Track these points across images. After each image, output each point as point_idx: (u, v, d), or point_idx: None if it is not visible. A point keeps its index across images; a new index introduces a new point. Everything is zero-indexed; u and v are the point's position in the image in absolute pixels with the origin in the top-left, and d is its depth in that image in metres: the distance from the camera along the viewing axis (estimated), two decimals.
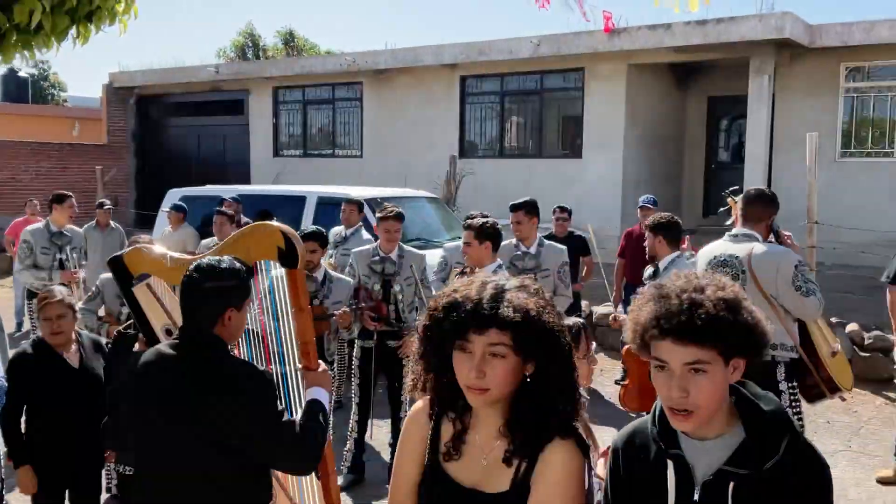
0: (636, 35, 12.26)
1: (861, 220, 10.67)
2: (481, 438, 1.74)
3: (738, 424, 1.65)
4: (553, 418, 1.67)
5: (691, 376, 1.57)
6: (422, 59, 14.69)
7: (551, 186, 13.15)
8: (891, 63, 11.75)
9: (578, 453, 1.68)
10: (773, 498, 1.60)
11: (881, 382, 7.10)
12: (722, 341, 1.56)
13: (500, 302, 1.63)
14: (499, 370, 1.63)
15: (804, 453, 1.62)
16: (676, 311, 1.57)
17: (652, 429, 1.73)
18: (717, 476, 1.62)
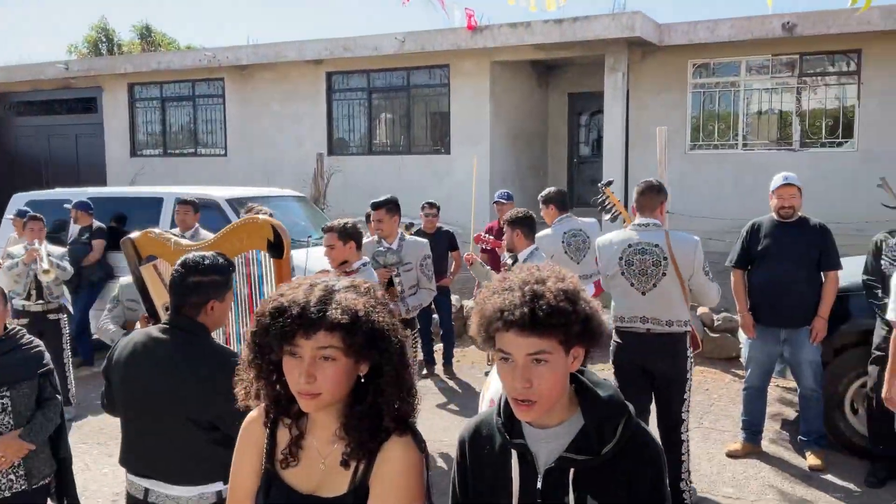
0: (498, 33, 12.51)
1: (710, 209, 11.33)
2: (318, 443, 1.72)
3: (578, 412, 1.71)
4: (389, 417, 1.67)
5: (534, 367, 1.61)
6: (285, 55, 14.42)
7: (421, 182, 13.25)
8: (733, 60, 12.54)
9: (416, 450, 1.69)
10: (612, 482, 1.67)
11: (729, 361, 7.57)
12: (563, 331, 1.61)
13: (329, 304, 1.61)
14: (330, 374, 1.61)
15: (638, 438, 1.70)
16: (519, 303, 1.60)
17: (497, 420, 1.76)
18: (558, 463, 1.67)
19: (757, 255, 5.40)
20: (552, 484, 1.67)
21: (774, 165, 9.45)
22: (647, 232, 4.48)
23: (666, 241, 4.42)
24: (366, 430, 1.66)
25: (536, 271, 1.68)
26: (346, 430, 1.67)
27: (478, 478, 1.78)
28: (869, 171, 10.81)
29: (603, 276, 4.67)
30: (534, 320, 1.58)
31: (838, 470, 5.18)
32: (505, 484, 1.72)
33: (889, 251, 4.99)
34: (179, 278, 2.65)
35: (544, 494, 1.68)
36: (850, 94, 11.93)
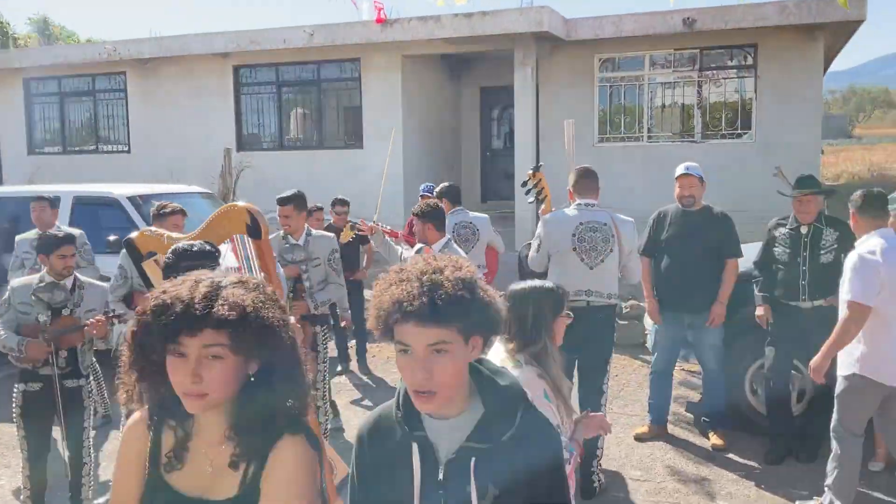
0: (408, 27, 12.47)
1: (618, 201, 11.57)
2: (205, 444, 1.65)
3: (478, 401, 1.70)
4: (281, 416, 1.62)
5: (434, 357, 1.59)
6: (190, 48, 14.01)
7: (334, 177, 13.10)
8: (638, 54, 12.86)
9: (309, 449, 1.64)
10: (512, 469, 1.66)
11: (637, 347, 7.77)
12: (462, 320, 1.60)
13: (215, 301, 1.54)
14: (217, 373, 1.54)
15: (536, 424, 1.71)
16: (417, 294, 1.57)
17: (396, 412, 1.74)
18: (459, 453, 1.66)
19: (662, 244, 5.55)
20: (454, 474, 1.67)
21: (678, 157, 9.71)
22: (594, 211, 4.84)
23: (612, 220, 4.83)
24: (256, 431, 1.60)
25: (433, 261, 1.66)
26: (236, 431, 1.61)
27: (377, 472, 1.75)
28: (766, 162, 11.31)
29: (552, 252, 4.86)
30: (433, 310, 1.56)
31: (739, 449, 5.38)
32: (406, 477, 1.70)
33: (781, 238, 5.20)
34: (172, 264, 2.87)
35: (446, 485, 1.67)
36: (747, 87, 12.41)
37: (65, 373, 4.28)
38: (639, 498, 4.74)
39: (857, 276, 4.05)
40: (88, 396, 4.43)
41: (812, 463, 5.07)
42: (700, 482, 4.93)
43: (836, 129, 47.76)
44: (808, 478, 4.89)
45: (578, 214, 4.81)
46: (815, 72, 12.00)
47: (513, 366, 2.71)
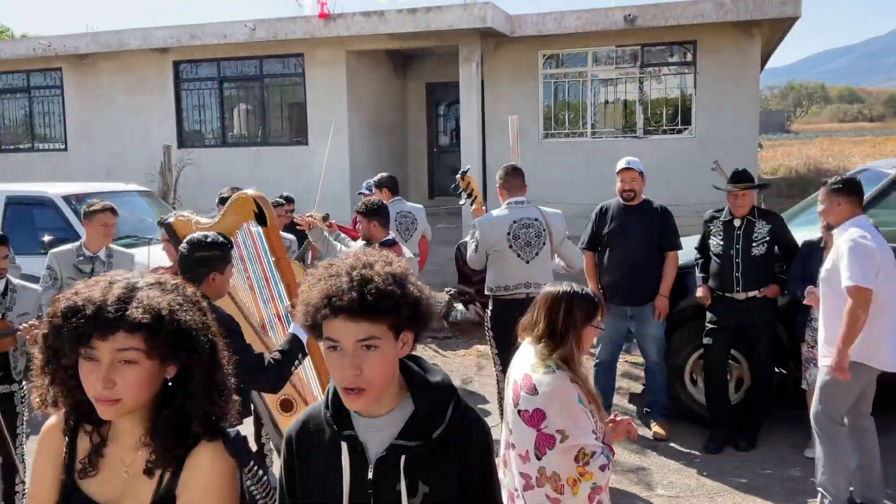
0: (352, 22, 12.39)
1: (561, 195, 11.71)
2: (121, 450, 1.60)
3: (408, 398, 1.69)
4: (199, 422, 1.58)
5: (363, 353, 1.57)
6: (128, 43, 13.69)
7: (279, 174, 12.96)
8: (581, 51, 13.00)
9: (227, 457, 1.60)
10: (442, 465, 1.66)
11: None
12: (392, 315, 1.58)
13: (128, 303, 1.49)
14: (131, 378, 1.49)
15: (466, 419, 1.70)
16: (347, 289, 1.55)
17: (325, 412, 1.71)
18: (389, 451, 1.64)
19: (605, 238, 5.62)
20: (383, 473, 1.65)
21: (621, 152, 9.82)
22: (525, 208, 5.01)
23: (542, 214, 5.02)
24: (172, 437, 1.55)
25: (363, 256, 1.65)
26: (151, 437, 1.56)
27: (306, 474, 1.73)
28: (706, 156, 11.53)
29: (489, 251, 4.98)
30: (363, 305, 1.54)
31: (680, 438, 5.48)
32: (335, 477, 1.67)
33: (716, 231, 5.33)
34: (186, 253, 3.09)
35: (376, 484, 1.65)
36: (687, 83, 12.65)
37: None
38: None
39: (856, 261, 3.96)
40: (21, 402, 4.30)
41: (751, 451, 5.19)
42: (641, 471, 5.01)
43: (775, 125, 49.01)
44: (746, 466, 5.00)
45: (510, 213, 4.97)
46: (752, 68, 12.29)
47: (544, 370, 2.66)
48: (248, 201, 3.49)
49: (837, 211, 4.21)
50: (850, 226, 4.13)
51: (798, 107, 76.91)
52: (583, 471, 2.59)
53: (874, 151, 28.33)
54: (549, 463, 2.60)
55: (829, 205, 4.23)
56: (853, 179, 4.29)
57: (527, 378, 2.66)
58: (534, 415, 2.61)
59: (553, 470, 2.60)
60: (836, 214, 4.22)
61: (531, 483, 2.66)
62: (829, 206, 4.24)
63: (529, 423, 2.62)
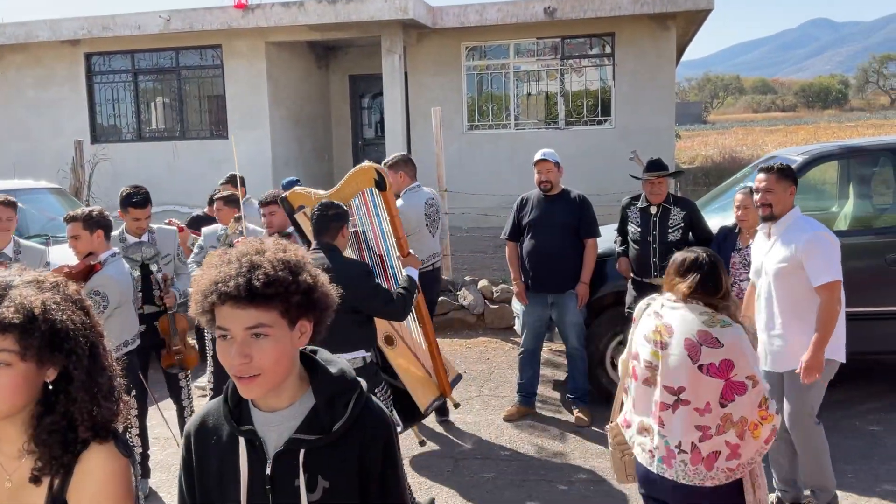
0: (270, 12, 12.16)
1: (486, 186, 11.80)
2: (3, 458, 1.53)
3: (309, 391, 1.65)
4: (84, 426, 1.51)
5: (254, 341, 1.52)
6: (36, 35, 13.12)
7: (199, 168, 12.65)
8: (502, 42, 13.09)
9: (119, 456, 1.55)
10: (343, 458, 1.63)
11: (508, 330, 7.93)
12: (282, 302, 1.54)
13: (0, 302, 1.42)
14: (4, 381, 1.43)
15: (368, 412, 1.67)
16: (234, 274, 1.51)
17: (224, 407, 1.67)
18: (288, 445, 1.60)
19: (525, 227, 5.69)
20: (282, 468, 1.61)
21: (544, 143, 9.98)
22: (424, 190, 5.80)
23: (436, 194, 5.94)
24: (57, 443, 1.49)
25: (258, 243, 1.61)
26: (35, 444, 1.49)
27: (204, 471, 1.68)
28: (625, 147, 11.76)
29: (411, 232, 5.32)
30: (250, 291, 1.50)
31: (603, 422, 5.55)
32: (233, 474, 1.63)
33: (633, 217, 5.44)
34: (321, 213, 3.89)
35: (274, 480, 1.61)
36: (607, 75, 12.88)
37: None
38: (508, 477, 4.83)
39: (825, 257, 3.78)
40: None
41: None
42: (565, 457, 5.09)
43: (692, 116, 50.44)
44: None
45: (420, 195, 5.70)
46: (668, 59, 12.59)
47: (721, 325, 2.79)
48: (370, 170, 4.31)
49: (788, 199, 3.93)
50: (796, 217, 3.93)
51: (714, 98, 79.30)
52: (764, 414, 2.80)
53: (786, 140, 29.43)
54: (737, 409, 2.77)
55: (779, 192, 3.90)
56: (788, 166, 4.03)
57: (705, 334, 2.78)
58: (721, 366, 2.75)
59: (741, 415, 2.77)
60: (785, 203, 3.93)
61: (710, 433, 2.79)
62: (779, 194, 3.90)
63: (716, 375, 2.76)
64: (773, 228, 3.98)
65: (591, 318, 5.85)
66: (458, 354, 7.34)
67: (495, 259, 9.64)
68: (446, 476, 4.88)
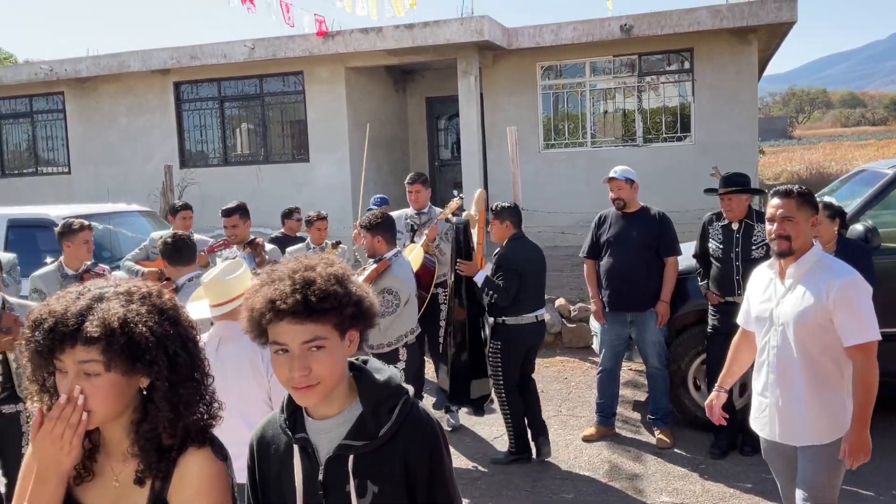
0: (350, 38, 12.46)
1: (563, 205, 11.74)
2: (111, 459, 1.62)
3: (357, 399, 1.71)
4: (167, 434, 1.58)
5: (311, 353, 1.60)
6: (129, 66, 13.78)
7: (281, 191, 13.00)
8: (578, 61, 13.04)
9: (215, 460, 1.62)
10: (390, 464, 1.67)
11: (587, 349, 7.83)
12: (336, 314, 1.61)
13: (88, 315, 1.50)
14: (94, 389, 1.51)
15: (413, 418, 1.70)
16: (290, 291, 1.57)
17: (280, 417, 1.75)
18: (337, 451, 1.67)
19: (603, 245, 5.65)
20: (334, 474, 1.67)
21: (621, 161, 9.87)
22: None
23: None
24: (153, 449, 1.57)
25: (305, 259, 1.68)
26: (136, 449, 1.58)
27: (265, 479, 1.76)
28: (706, 163, 11.51)
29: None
30: (307, 306, 1.58)
31: (685, 444, 5.46)
32: (290, 481, 1.70)
33: (714, 234, 5.32)
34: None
35: (326, 485, 1.67)
36: (685, 91, 12.67)
37: (1, 398, 4.15)
38: (588, 498, 4.77)
39: (863, 308, 3.09)
40: (27, 422, 4.29)
41: (755, 456, 5.14)
42: (646, 479, 4.98)
43: (777, 131, 48.99)
44: (751, 471, 4.98)
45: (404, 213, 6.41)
46: (749, 73, 12.30)
47: None
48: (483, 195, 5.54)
49: (809, 232, 3.20)
50: (820, 256, 3.21)
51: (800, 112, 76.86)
52: None
53: (878, 154, 28.23)
54: None
55: (800, 221, 3.16)
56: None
57: None
58: None
59: None
60: (807, 236, 3.18)
61: None
62: (800, 224, 3.16)
63: None
64: (792, 269, 3.19)
65: (673, 337, 5.74)
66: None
67: (572, 278, 9.55)
68: (524, 495, 4.84)
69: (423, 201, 6.37)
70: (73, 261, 5.05)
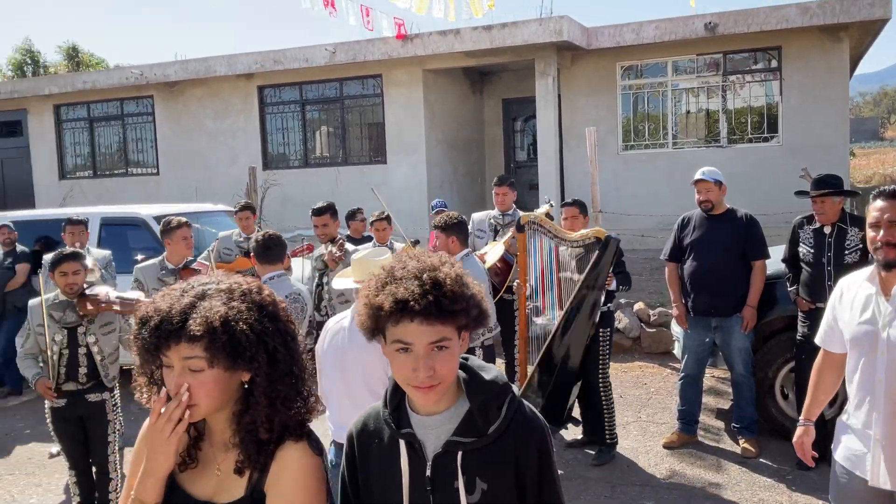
0: (428, 41, 12.53)
1: (642, 207, 11.53)
2: (214, 448, 1.67)
3: (464, 396, 1.70)
4: (264, 428, 1.61)
5: (436, 354, 1.59)
6: (215, 70, 14.21)
7: (359, 192, 13.16)
8: (660, 61, 12.79)
9: (311, 454, 1.64)
10: (499, 461, 1.66)
11: (667, 354, 7.66)
12: (464, 316, 1.61)
13: (191, 313, 1.54)
14: (198, 384, 1.56)
15: (522, 416, 1.69)
16: (422, 292, 1.57)
17: (384, 411, 1.74)
18: (446, 447, 1.65)
19: (687, 248, 5.51)
20: (441, 470, 1.66)
21: (704, 162, 9.61)
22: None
23: None
24: (252, 442, 1.60)
25: (426, 258, 1.67)
26: (237, 440, 1.62)
27: (366, 472, 1.75)
28: (794, 165, 11.12)
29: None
30: (439, 308, 1.57)
31: (771, 454, 5.27)
32: (394, 475, 1.69)
33: (805, 237, 5.12)
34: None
35: (434, 481, 1.66)
36: (772, 90, 12.27)
37: (87, 387, 4.32)
38: None
39: None
40: (112, 410, 4.46)
41: None
42: (731, 489, 4.83)
43: (868, 132, 47.04)
44: None
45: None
46: (840, 72, 11.84)
47: None
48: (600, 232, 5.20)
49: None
50: None
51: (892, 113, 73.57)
52: None
53: None
54: None
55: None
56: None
57: None
58: None
59: None
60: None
61: None
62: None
63: None
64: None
65: (760, 344, 5.55)
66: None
67: (651, 281, 9.36)
68: (603, 501, 4.76)
69: (509, 203, 6.51)
70: (174, 256, 5.26)
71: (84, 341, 4.30)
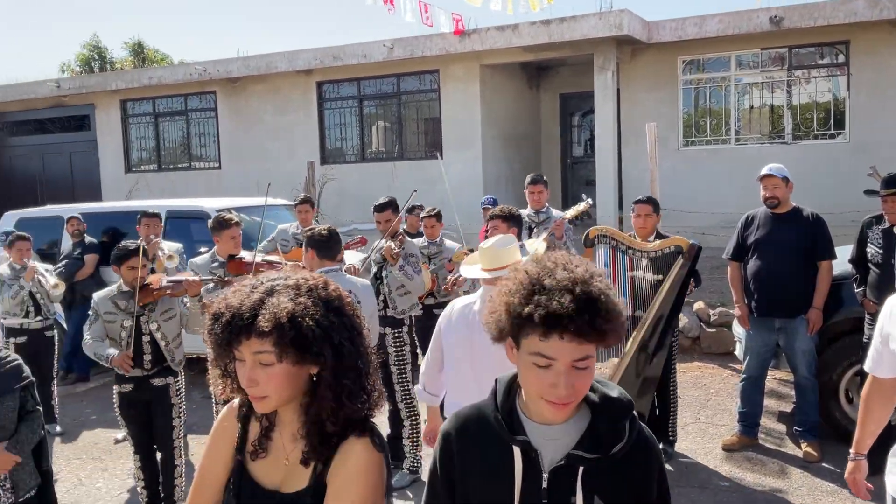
0: (485, 36, 12.51)
1: (703, 204, 11.31)
2: (283, 439, 1.72)
3: (582, 409, 1.65)
4: (330, 422, 1.64)
5: (576, 371, 1.53)
6: (275, 66, 14.43)
7: (415, 187, 13.19)
8: (723, 55, 12.52)
9: (373, 450, 1.66)
10: (619, 481, 1.62)
11: (727, 355, 7.53)
12: (614, 336, 1.54)
13: (260, 309, 1.59)
14: (267, 377, 1.61)
15: (643, 436, 1.66)
16: (576, 309, 1.48)
17: (495, 415, 1.67)
18: (567, 461, 1.60)
19: (751, 247, 5.40)
20: (558, 483, 1.61)
21: (768, 159, 9.41)
22: None
23: None
24: (317, 434, 1.64)
25: (573, 267, 1.57)
26: (304, 431, 1.66)
27: (467, 474, 1.69)
28: (861, 162, 10.79)
29: None
30: (594, 328, 1.49)
31: (834, 459, 5.14)
32: (503, 482, 1.64)
33: (874, 238, 4.97)
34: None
35: (550, 493, 1.61)
36: (839, 86, 11.92)
37: (152, 373, 4.45)
38: None
39: None
40: (177, 394, 4.57)
41: None
42: (792, 493, 4.73)
43: None
44: None
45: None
46: None
47: None
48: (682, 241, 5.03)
49: None
50: None
51: None
52: None
53: None
54: None
55: None
56: None
57: None
58: None
59: None
60: None
61: None
62: None
63: None
64: None
65: (824, 346, 5.41)
66: None
67: (712, 281, 9.19)
68: None
69: (543, 201, 6.60)
70: (223, 251, 5.36)
71: (147, 329, 4.44)
